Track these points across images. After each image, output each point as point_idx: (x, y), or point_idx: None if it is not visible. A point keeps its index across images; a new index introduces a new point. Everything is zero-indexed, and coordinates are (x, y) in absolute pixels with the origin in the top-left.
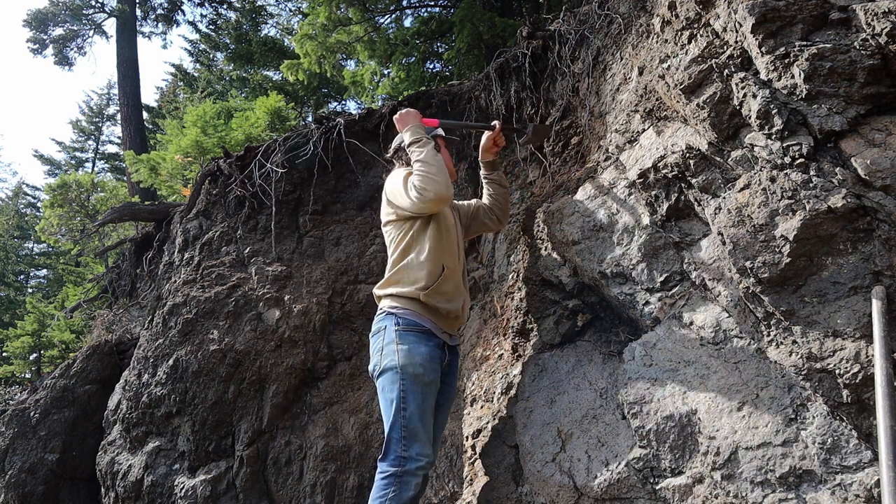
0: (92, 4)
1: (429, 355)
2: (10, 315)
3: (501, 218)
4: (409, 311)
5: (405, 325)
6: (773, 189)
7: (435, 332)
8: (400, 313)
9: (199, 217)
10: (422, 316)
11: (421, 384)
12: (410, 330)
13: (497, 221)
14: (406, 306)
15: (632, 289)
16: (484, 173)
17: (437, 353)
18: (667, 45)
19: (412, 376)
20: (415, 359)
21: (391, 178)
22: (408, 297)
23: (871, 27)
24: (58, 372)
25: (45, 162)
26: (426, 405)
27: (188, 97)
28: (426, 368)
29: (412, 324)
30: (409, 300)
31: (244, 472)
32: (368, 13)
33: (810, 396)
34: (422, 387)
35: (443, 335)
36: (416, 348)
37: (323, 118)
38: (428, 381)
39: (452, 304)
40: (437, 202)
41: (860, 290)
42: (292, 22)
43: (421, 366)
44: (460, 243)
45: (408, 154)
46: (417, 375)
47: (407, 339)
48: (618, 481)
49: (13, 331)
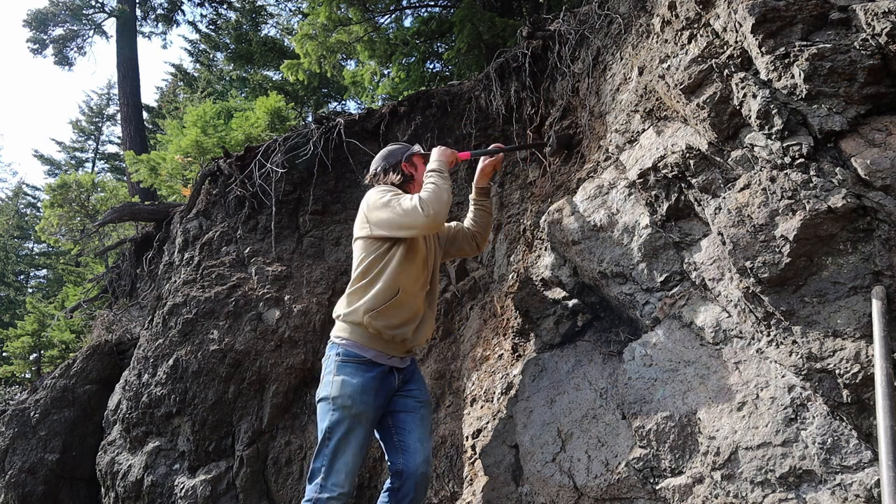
0: (92, 4)
1: (361, 387)
2: (10, 315)
3: (481, 244)
4: (350, 341)
5: (344, 355)
6: (773, 189)
7: (378, 360)
8: (341, 343)
9: (199, 217)
10: (363, 346)
11: (349, 416)
12: (349, 361)
13: (476, 248)
14: (349, 336)
15: (632, 289)
16: (474, 197)
17: (373, 383)
18: (667, 45)
19: (341, 408)
20: (345, 390)
21: (372, 192)
22: (353, 322)
23: (871, 27)
24: (58, 372)
25: (45, 162)
26: (351, 437)
27: (188, 97)
28: (355, 401)
29: (352, 355)
30: (354, 326)
31: (244, 472)
32: (368, 13)
33: (810, 396)
34: (349, 419)
35: (390, 360)
36: (349, 380)
37: (323, 118)
38: (356, 414)
39: (400, 329)
40: (430, 223)
41: (860, 290)
42: (292, 22)
43: (350, 397)
44: (432, 267)
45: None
46: (346, 407)
47: (344, 370)
48: (618, 481)
49: (13, 331)
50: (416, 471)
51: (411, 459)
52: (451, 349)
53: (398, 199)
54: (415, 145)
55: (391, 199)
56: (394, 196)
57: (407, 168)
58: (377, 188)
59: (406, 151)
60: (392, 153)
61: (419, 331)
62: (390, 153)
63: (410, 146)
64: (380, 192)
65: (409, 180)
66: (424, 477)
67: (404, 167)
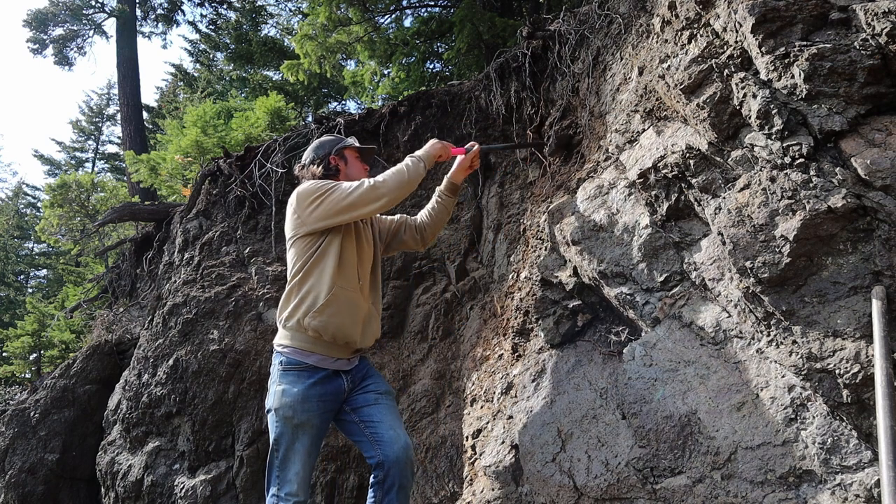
0: (92, 4)
1: (302, 396)
2: (10, 315)
3: (428, 239)
4: (290, 348)
5: (286, 364)
6: (773, 189)
7: (321, 364)
8: (283, 351)
9: (199, 217)
10: (303, 352)
11: (291, 426)
12: (291, 369)
13: (421, 242)
14: (289, 343)
15: (632, 289)
16: (442, 190)
17: (315, 390)
18: (667, 45)
19: (283, 419)
20: (286, 401)
21: (303, 186)
22: (292, 328)
23: (871, 27)
24: (58, 372)
25: (45, 162)
26: (298, 446)
27: (188, 97)
28: (296, 410)
29: (293, 363)
30: (293, 332)
31: (244, 472)
32: (368, 13)
33: (810, 396)
34: (292, 429)
35: (335, 364)
36: (290, 389)
37: (323, 118)
38: (298, 423)
39: (342, 330)
40: (379, 203)
41: (860, 290)
42: (292, 22)
43: (290, 408)
44: (371, 261)
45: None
46: (288, 418)
47: (285, 379)
48: (618, 481)
49: (13, 331)
50: (399, 457)
51: (389, 448)
52: (451, 349)
53: (337, 187)
54: (349, 138)
55: (325, 187)
56: (332, 185)
57: (334, 160)
58: (303, 185)
59: (337, 144)
60: (322, 144)
61: (365, 331)
62: (321, 144)
63: (345, 139)
64: (309, 188)
65: (333, 174)
66: (408, 462)
67: (332, 159)
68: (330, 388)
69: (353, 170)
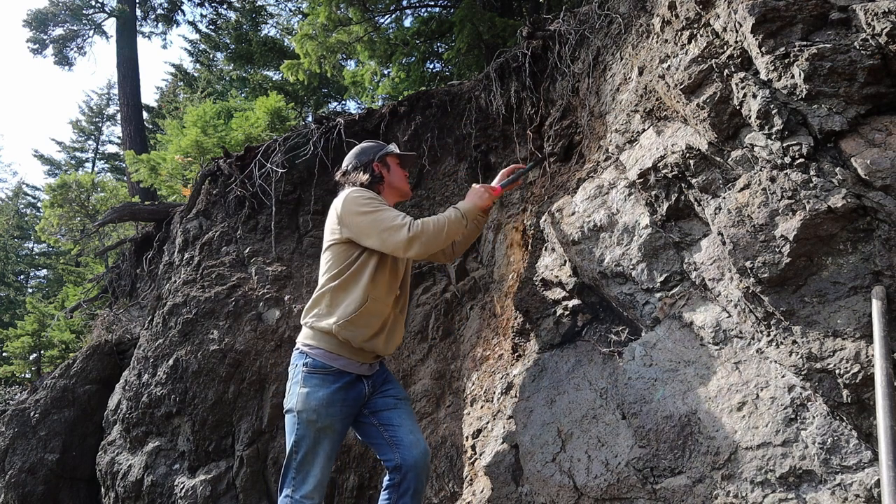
0: (92, 4)
1: (327, 400)
2: (10, 315)
3: (458, 254)
4: (320, 350)
5: (312, 366)
6: (773, 189)
7: (347, 369)
8: (310, 353)
9: (199, 217)
10: (332, 355)
11: (314, 430)
12: (316, 372)
13: (450, 256)
14: (318, 344)
15: (632, 289)
16: None
17: (340, 395)
18: (667, 45)
19: (306, 422)
20: (311, 404)
21: (349, 196)
22: (322, 330)
23: (871, 27)
24: (58, 372)
25: (45, 162)
26: (319, 450)
27: (188, 97)
28: (320, 414)
29: (319, 365)
30: (322, 334)
31: (244, 472)
32: (368, 13)
33: (810, 396)
34: (315, 433)
35: (359, 368)
36: (314, 392)
37: (323, 118)
38: (322, 427)
39: (370, 342)
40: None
41: (860, 290)
42: (292, 22)
43: (315, 411)
44: (403, 273)
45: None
46: (311, 421)
47: (310, 381)
48: (618, 481)
49: (13, 331)
50: (417, 462)
51: (408, 452)
52: (451, 349)
53: (383, 213)
54: (390, 144)
55: (376, 211)
56: (379, 206)
57: (378, 168)
58: (353, 191)
59: (380, 151)
60: (365, 151)
61: (389, 339)
62: (363, 150)
63: (386, 145)
64: (359, 198)
65: (377, 181)
66: (425, 468)
67: (375, 167)
68: (353, 394)
69: (395, 177)
